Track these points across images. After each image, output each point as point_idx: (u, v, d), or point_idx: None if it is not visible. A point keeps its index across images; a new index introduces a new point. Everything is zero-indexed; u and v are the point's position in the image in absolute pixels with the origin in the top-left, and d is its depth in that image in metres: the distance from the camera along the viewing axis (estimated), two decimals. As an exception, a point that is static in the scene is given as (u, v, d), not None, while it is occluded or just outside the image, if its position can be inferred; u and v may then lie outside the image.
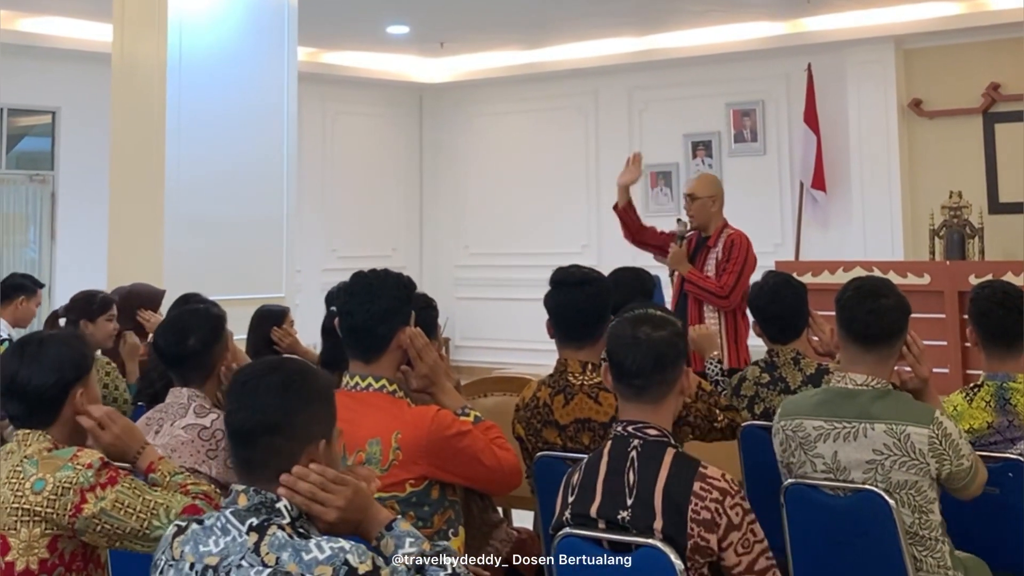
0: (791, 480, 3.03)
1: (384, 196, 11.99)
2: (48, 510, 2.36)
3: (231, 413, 2.07)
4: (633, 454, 2.53)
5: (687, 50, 10.20)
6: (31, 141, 10.29)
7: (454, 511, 2.80)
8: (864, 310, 2.99)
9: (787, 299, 3.82)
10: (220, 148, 6.67)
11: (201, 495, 2.54)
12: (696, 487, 2.44)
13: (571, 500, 2.58)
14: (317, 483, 2.06)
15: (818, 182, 9.61)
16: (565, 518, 2.58)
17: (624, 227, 5.57)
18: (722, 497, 2.44)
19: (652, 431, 2.55)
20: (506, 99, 11.74)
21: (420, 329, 2.91)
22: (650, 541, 2.42)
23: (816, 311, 3.88)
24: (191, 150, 6.54)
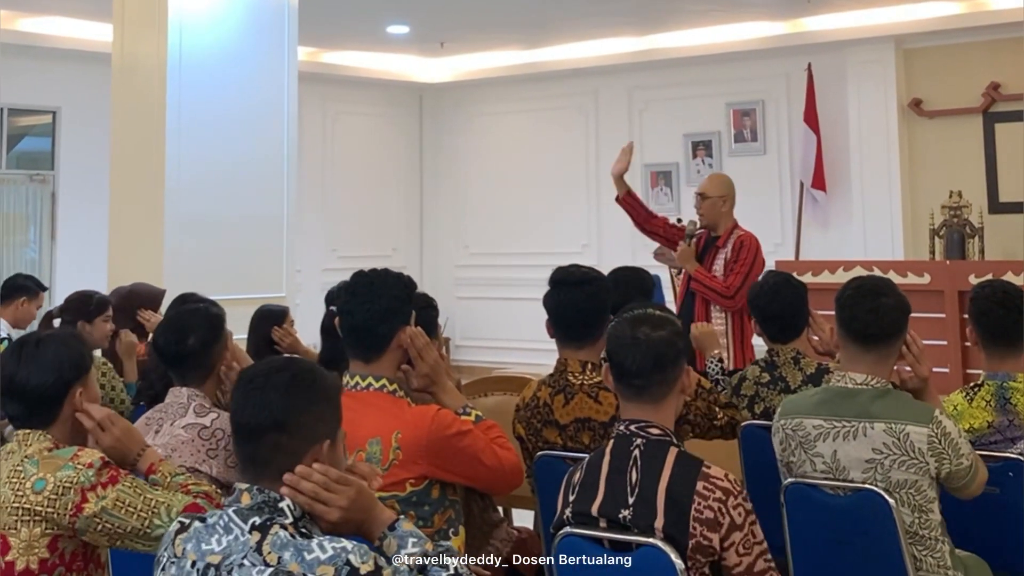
0: (791, 479, 3.03)
1: (384, 196, 11.99)
2: (49, 510, 2.36)
3: (237, 409, 2.07)
4: (636, 453, 2.53)
5: (687, 50, 10.19)
6: (31, 141, 10.28)
7: (454, 511, 2.80)
8: (864, 309, 2.99)
9: (787, 299, 3.83)
10: (220, 148, 6.67)
11: (202, 494, 2.54)
12: (699, 486, 2.44)
13: (572, 499, 2.58)
14: (320, 483, 2.06)
15: (818, 182, 9.61)
16: (566, 517, 2.58)
17: (630, 217, 5.57)
18: (725, 497, 2.44)
19: (655, 430, 2.56)
20: (506, 99, 11.74)
21: (420, 328, 2.92)
22: (651, 540, 2.42)
23: (816, 310, 3.88)
24: (191, 150, 6.54)
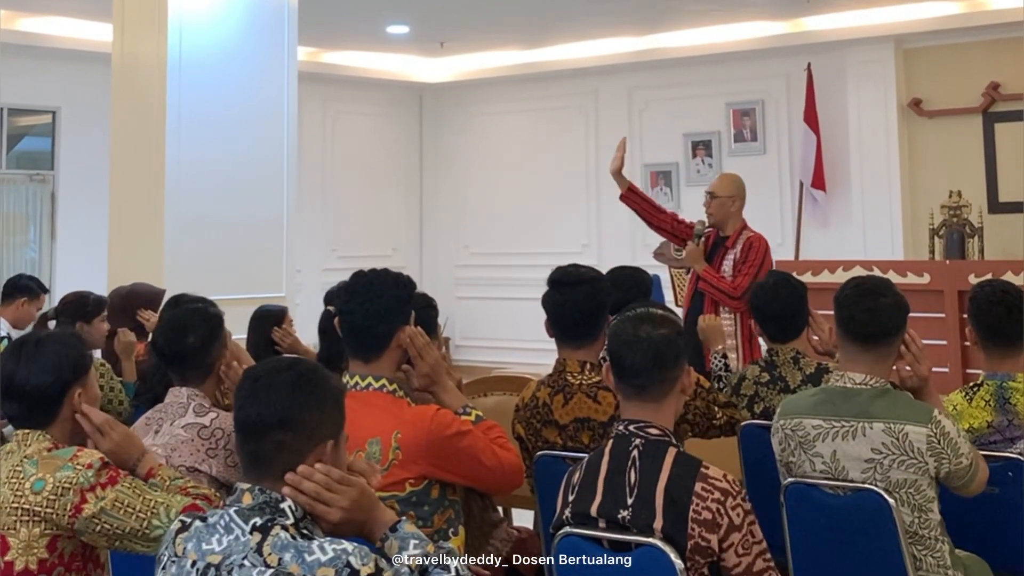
0: (791, 479, 3.03)
1: (384, 196, 11.99)
2: (48, 510, 2.36)
3: (242, 407, 2.06)
4: (635, 453, 2.52)
5: (687, 50, 10.19)
6: (31, 141, 10.28)
7: (454, 511, 2.80)
8: (862, 308, 2.99)
9: (787, 298, 3.82)
10: (220, 148, 6.67)
11: (201, 496, 2.53)
12: (698, 487, 2.44)
13: (571, 499, 2.58)
14: (322, 483, 2.06)
15: (818, 181, 9.61)
16: (565, 517, 2.57)
17: (637, 214, 5.57)
18: (723, 498, 2.44)
19: (654, 430, 2.55)
20: (506, 99, 11.74)
21: (421, 328, 2.92)
22: (650, 540, 2.42)
23: (816, 310, 3.88)
24: (191, 150, 6.54)
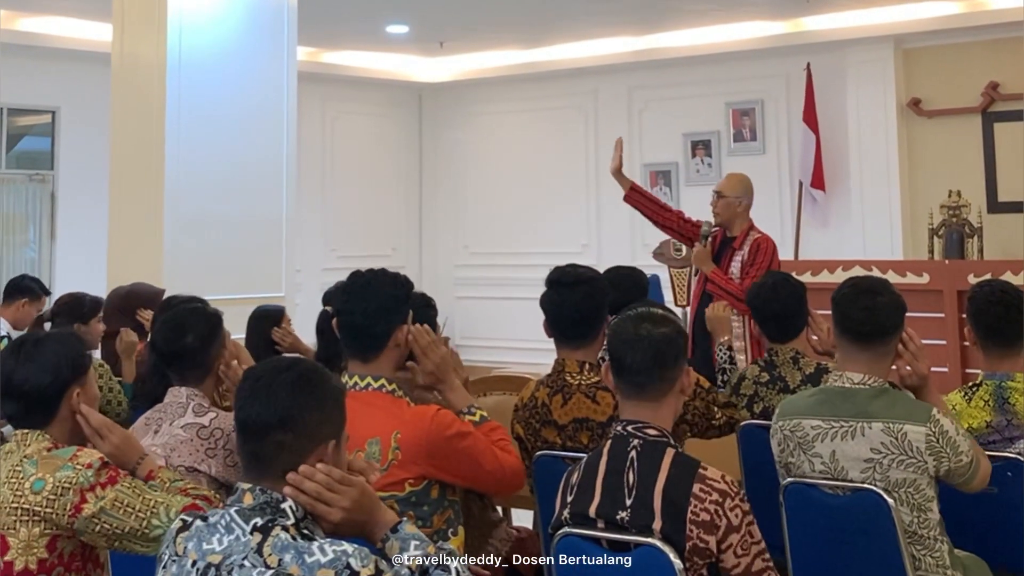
0: (790, 479, 3.03)
1: (384, 196, 11.99)
2: (47, 510, 2.36)
3: (243, 407, 2.06)
4: (633, 454, 2.52)
5: (686, 49, 10.19)
6: (31, 141, 10.28)
7: (453, 511, 2.79)
8: (859, 307, 2.99)
9: (786, 298, 3.83)
10: (220, 148, 6.67)
11: (201, 497, 2.53)
12: (696, 488, 2.44)
13: (570, 500, 2.58)
14: (323, 483, 2.06)
15: (817, 181, 9.61)
16: (564, 517, 2.57)
17: (642, 214, 5.58)
18: (722, 499, 2.43)
19: (652, 431, 2.55)
20: (506, 98, 11.73)
21: (427, 326, 2.91)
22: (649, 540, 2.42)
23: (815, 310, 3.88)
24: (191, 150, 6.54)
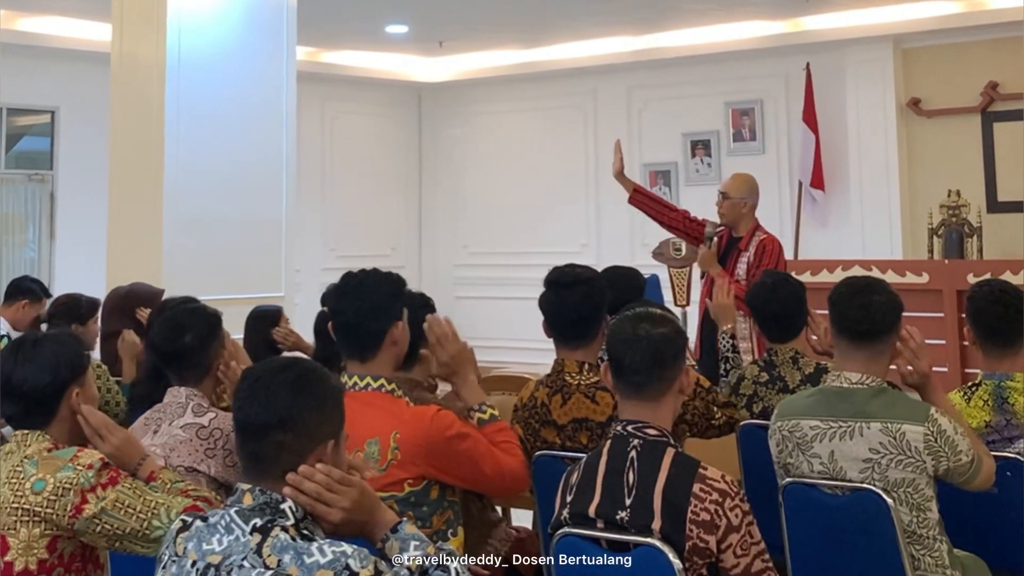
0: (789, 479, 3.03)
1: (383, 195, 11.99)
2: (48, 511, 2.36)
3: (242, 407, 2.05)
4: (633, 454, 2.52)
5: (686, 49, 10.20)
6: (30, 141, 10.28)
7: (453, 511, 2.79)
8: (855, 306, 2.98)
9: (785, 298, 3.83)
10: (219, 148, 6.67)
11: (202, 499, 2.53)
12: (696, 488, 2.44)
13: (569, 499, 2.58)
14: (323, 483, 2.05)
15: (817, 181, 9.61)
16: (563, 517, 2.57)
17: (647, 215, 5.59)
18: (722, 499, 2.44)
19: (652, 431, 2.55)
20: (505, 98, 11.73)
21: (447, 317, 2.91)
22: (648, 540, 2.42)
23: (814, 310, 3.88)
24: (190, 149, 6.54)
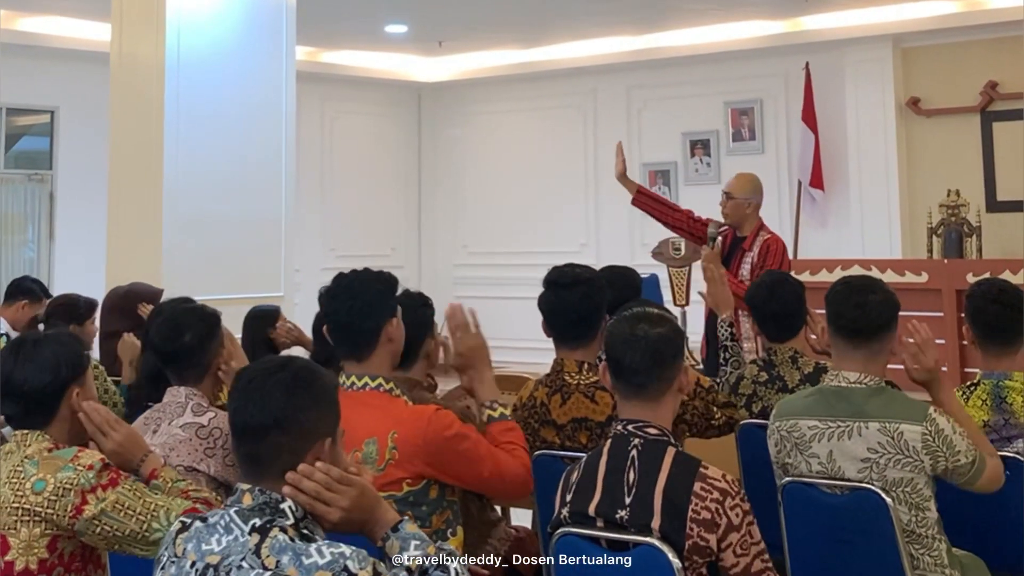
0: (789, 478, 3.04)
1: (383, 195, 11.99)
2: (48, 511, 2.36)
3: (238, 409, 2.05)
4: (633, 453, 2.52)
5: (685, 49, 10.20)
6: (30, 140, 10.28)
7: (452, 511, 2.78)
8: (851, 305, 2.99)
9: (784, 298, 3.83)
10: (219, 147, 6.68)
11: (202, 500, 2.53)
12: (696, 487, 2.44)
13: (569, 499, 2.58)
14: (322, 482, 2.05)
15: (816, 181, 9.62)
16: (563, 517, 2.58)
17: (651, 216, 5.60)
18: (722, 498, 2.44)
19: (652, 430, 2.55)
20: (505, 98, 11.73)
21: (471, 308, 2.91)
22: (648, 540, 2.42)
23: (814, 310, 3.88)
24: (190, 149, 6.54)
